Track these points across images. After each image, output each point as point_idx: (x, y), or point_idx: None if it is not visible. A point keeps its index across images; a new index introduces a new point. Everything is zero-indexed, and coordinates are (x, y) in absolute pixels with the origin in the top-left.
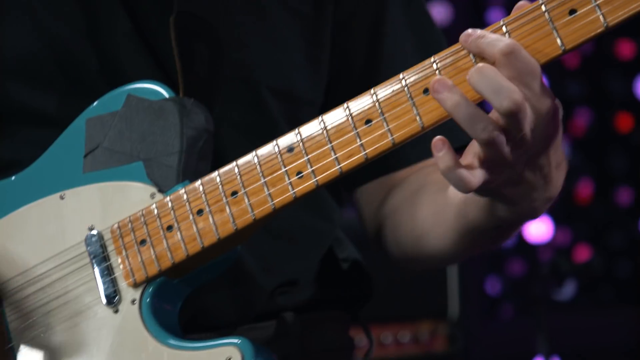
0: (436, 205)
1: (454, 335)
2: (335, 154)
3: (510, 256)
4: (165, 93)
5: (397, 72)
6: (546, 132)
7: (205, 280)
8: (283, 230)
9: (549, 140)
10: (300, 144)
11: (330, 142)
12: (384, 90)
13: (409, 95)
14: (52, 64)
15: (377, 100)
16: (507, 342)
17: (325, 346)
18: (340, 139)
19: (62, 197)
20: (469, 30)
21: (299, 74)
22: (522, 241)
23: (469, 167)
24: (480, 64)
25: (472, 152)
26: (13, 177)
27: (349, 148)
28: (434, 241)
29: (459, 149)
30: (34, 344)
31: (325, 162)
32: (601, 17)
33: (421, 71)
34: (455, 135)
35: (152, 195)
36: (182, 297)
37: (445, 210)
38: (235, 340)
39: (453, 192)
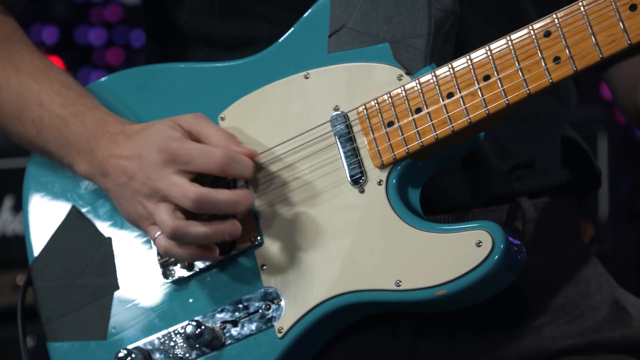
0: None
1: (602, 237)
2: (595, 40)
3: None
4: None
5: None
6: None
7: (448, 163)
8: (519, 112)
9: None
10: (558, 28)
11: (591, 27)
12: None
13: None
14: None
15: None
16: None
17: (556, 230)
18: (602, 23)
19: (306, 77)
20: None
21: None
22: None
23: None
24: None
25: None
26: (257, 55)
27: (611, 33)
28: None
29: None
30: (279, 219)
31: (584, 47)
32: None
33: None
34: None
35: (399, 77)
36: (425, 179)
37: None
38: (486, 225)
39: None
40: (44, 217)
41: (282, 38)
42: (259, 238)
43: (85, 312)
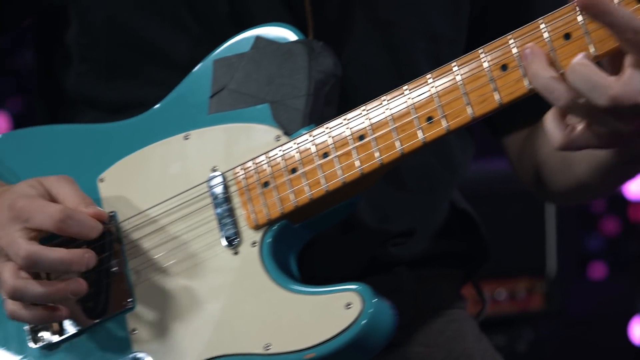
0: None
1: (551, 294)
2: (468, 99)
3: (608, 214)
4: (293, 35)
5: (545, 12)
6: None
7: (326, 226)
8: (402, 178)
9: None
10: (432, 88)
11: (464, 87)
12: (521, 36)
13: (549, 42)
14: (182, 2)
15: (515, 46)
16: (605, 302)
17: (438, 304)
18: (474, 84)
19: (186, 137)
20: None
21: (438, 13)
22: (619, 198)
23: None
24: (575, 61)
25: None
26: (139, 116)
27: (483, 92)
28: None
29: None
30: (152, 282)
31: (456, 107)
32: None
33: (562, 18)
34: None
35: (277, 138)
36: (302, 242)
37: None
38: (356, 287)
39: None
40: None
41: (164, 99)
42: (130, 301)
43: None
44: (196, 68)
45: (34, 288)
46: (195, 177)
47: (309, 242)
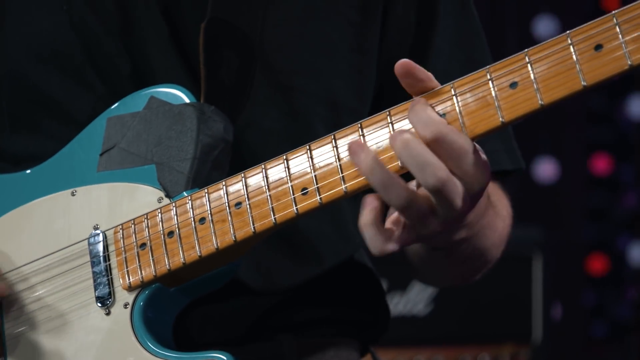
0: None
1: None
2: (341, 173)
3: (598, 280)
4: (186, 98)
5: None
6: (476, 201)
7: (203, 291)
8: (292, 244)
9: (475, 202)
10: (309, 160)
11: (339, 161)
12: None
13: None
14: (85, 59)
15: (392, 122)
16: None
17: None
18: (349, 158)
19: (73, 194)
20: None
21: (341, 82)
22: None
23: (389, 231)
24: (407, 136)
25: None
26: (29, 170)
27: (357, 168)
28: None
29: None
30: (25, 337)
31: (331, 180)
32: (626, 55)
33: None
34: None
35: (160, 200)
36: (178, 307)
37: None
38: (220, 356)
39: None
40: None
41: (57, 153)
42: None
43: None
44: (90, 124)
45: None
46: (77, 234)
47: (191, 305)
